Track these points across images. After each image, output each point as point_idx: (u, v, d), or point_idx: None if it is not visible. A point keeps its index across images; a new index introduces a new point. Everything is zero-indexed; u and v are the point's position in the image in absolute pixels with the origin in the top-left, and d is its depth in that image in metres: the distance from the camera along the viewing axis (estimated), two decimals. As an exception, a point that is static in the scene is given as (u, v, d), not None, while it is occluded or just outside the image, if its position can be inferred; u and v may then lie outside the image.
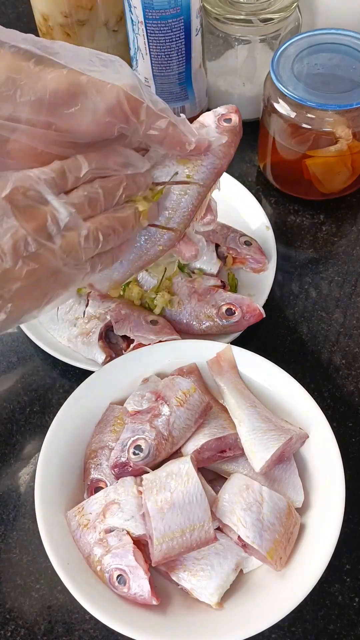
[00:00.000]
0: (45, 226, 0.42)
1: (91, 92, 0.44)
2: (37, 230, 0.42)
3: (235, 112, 0.52)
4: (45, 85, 0.43)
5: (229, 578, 0.45)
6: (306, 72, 0.65)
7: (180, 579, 0.46)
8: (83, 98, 0.44)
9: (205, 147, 0.50)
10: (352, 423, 0.57)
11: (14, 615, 0.50)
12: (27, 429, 0.59)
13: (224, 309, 0.59)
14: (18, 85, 0.43)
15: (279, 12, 0.71)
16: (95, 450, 0.51)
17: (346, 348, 0.62)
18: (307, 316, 0.64)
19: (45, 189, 0.43)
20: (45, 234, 0.42)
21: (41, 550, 0.49)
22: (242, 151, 0.78)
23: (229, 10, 0.72)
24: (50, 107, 0.44)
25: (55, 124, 0.44)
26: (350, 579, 0.50)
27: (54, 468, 0.49)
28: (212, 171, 0.51)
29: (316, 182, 0.69)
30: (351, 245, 0.70)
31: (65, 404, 0.52)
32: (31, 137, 0.45)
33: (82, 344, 0.58)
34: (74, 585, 0.44)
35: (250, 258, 0.64)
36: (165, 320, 0.60)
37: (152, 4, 0.65)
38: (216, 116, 0.51)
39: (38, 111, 0.44)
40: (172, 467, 0.46)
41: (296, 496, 0.49)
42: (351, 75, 0.65)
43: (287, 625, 0.48)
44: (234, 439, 0.50)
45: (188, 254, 0.53)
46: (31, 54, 0.44)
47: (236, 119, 0.51)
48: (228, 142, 0.51)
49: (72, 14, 0.76)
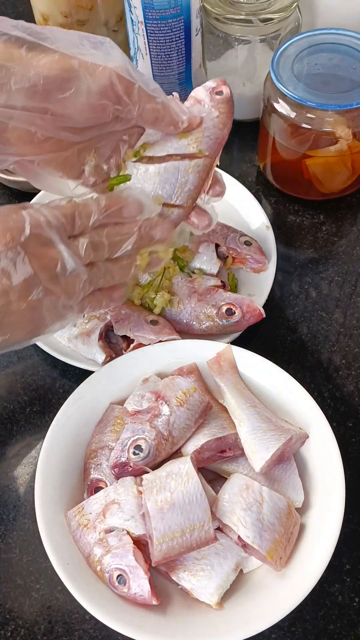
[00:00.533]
0: (55, 273, 0.44)
1: (83, 76, 0.45)
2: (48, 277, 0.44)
3: (224, 84, 0.53)
4: (38, 71, 0.44)
5: (229, 578, 0.45)
6: (306, 72, 0.65)
7: (180, 579, 0.46)
8: (76, 82, 0.44)
9: (197, 124, 0.51)
10: (352, 423, 0.57)
11: (14, 615, 0.50)
12: (27, 429, 0.59)
13: (224, 309, 0.59)
14: (11, 73, 0.43)
15: (279, 12, 0.71)
16: (95, 450, 0.51)
17: (346, 348, 0.62)
18: (307, 316, 0.64)
19: (56, 236, 0.44)
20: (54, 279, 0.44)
21: (41, 550, 0.49)
22: (242, 151, 0.78)
23: (229, 10, 0.72)
24: (44, 93, 0.44)
25: (51, 109, 0.45)
26: (350, 579, 0.50)
27: (54, 468, 0.49)
28: (215, 141, 0.52)
29: (316, 182, 0.69)
30: (351, 245, 0.70)
31: (65, 404, 0.52)
32: (29, 123, 0.45)
33: (82, 344, 0.58)
34: (74, 585, 0.44)
35: (250, 258, 0.64)
36: (165, 320, 0.60)
37: (152, 4, 0.65)
38: (207, 90, 0.53)
39: (33, 97, 0.44)
40: (172, 467, 0.46)
41: (296, 496, 0.49)
42: (351, 75, 0.65)
43: (287, 625, 0.48)
44: (234, 439, 0.50)
45: (202, 224, 0.53)
46: (23, 40, 0.44)
47: (227, 90, 0.53)
48: (225, 113, 0.52)
49: (72, 14, 0.76)
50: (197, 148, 0.51)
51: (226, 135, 0.52)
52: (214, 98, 0.52)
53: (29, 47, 0.44)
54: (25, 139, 0.47)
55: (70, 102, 0.45)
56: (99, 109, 0.46)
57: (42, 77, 0.44)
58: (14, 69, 0.43)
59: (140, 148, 0.52)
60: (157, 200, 0.51)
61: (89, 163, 0.52)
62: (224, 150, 0.53)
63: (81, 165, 0.51)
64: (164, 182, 0.51)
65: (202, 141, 0.51)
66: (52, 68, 0.44)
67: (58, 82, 0.44)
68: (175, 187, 0.51)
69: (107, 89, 0.45)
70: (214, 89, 0.52)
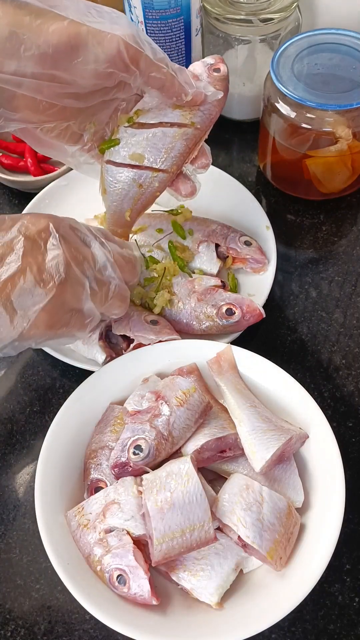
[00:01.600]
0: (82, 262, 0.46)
1: (92, 43, 0.45)
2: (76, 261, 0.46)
3: (222, 61, 0.54)
4: (47, 38, 0.44)
5: (229, 578, 0.45)
6: (306, 72, 0.65)
7: (180, 579, 0.46)
8: (84, 49, 0.45)
9: (201, 100, 0.52)
10: (352, 423, 0.57)
11: (14, 615, 0.50)
12: (27, 429, 0.59)
13: (224, 309, 0.59)
14: (21, 40, 0.44)
15: (279, 12, 0.71)
16: (95, 450, 0.51)
17: (346, 348, 0.62)
18: (307, 316, 0.64)
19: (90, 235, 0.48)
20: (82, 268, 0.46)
21: (41, 550, 0.49)
22: (242, 151, 0.78)
23: (229, 10, 0.72)
24: (53, 60, 0.45)
25: (58, 76, 0.45)
26: (350, 579, 0.50)
27: (54, 468, 0.49)
28: (208, 117, 0.53)
29: (316, 182, 0.69)
30: (351, 245, 0.70)
31: (65, 404, 0.52)
32: (36, 91, 0.46)
33: (82, 344, 0.58)
34: (74, 585, 0.44)
35: (250, 258, 0.64)
36: (165, 320, 0.60)
37: (152, 4, 0.65)
38: (205, 66, 0.54)
39: (42, 64, 0.45)
40: (172, 467, 0.46)
41: (296, 496, 0.49)
42: (351, 75, 0.65)
43: (287, 625, 0.48)
44: (234, 439, 0.50)
45: (185, 191, 0.55)
46: (32, 6, 0.44)
47: (225, 69, 0.54)
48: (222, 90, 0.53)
49: (72, 13, 0.76)
50: (190, 120, 0.52)
51: (219, 113, 0.54)
52: (212, 75, 0.53)
53: (38, 14, 0.44)
54: (31, 106, 0.47)
55: (78, 69, 0.45)
56: (105, 76, 0.47)
57: (51, 45, 0.44)
58: (24, 36, 0.44)
59: (134, 114, 0.53)
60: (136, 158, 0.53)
61: (88, 130, 0.53)
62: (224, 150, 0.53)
63: (81, 131, 0.53)
64: (151, 146, 0.52)
65: (195, 114, 0.52)
66: (61, 35, 0.44)
67: (67, 50, 0.45)
68: (161, 152, 0.52)
69: (115, 57, 0.45)
70: (212, 65, 0.53)
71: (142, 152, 0.53)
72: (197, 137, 0.53)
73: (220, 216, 0.67)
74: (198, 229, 0.65)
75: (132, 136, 0.53)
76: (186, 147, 0.53)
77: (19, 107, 0.47)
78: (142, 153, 0.53)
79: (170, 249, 0.63)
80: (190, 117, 0.52)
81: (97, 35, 0.45)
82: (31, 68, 0.44)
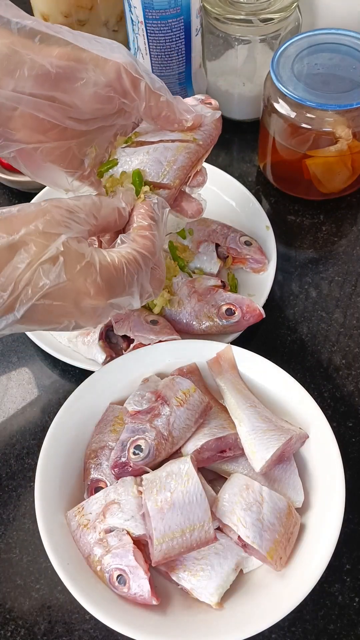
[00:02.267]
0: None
1: (93, 67, 0.46)
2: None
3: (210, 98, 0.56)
4: (50, 60, 0.45)
5: (229, 578, 0.45)
6: (306, 72, 0.65)
7: (180, 579, 0.46)
8: (85, 73, 0.46)
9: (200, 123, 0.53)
10: (352, 423, 0.57)
11: (14, 615, 0.50)
12: (27, 429, 0.59)
13: (224, 309, 0.59)
14: (24, 60, 0.44)
15: (279, 12, 0.71)
16: (95, 450, 0.51)
17: (346, 348, 0.62)
18: (307, 316, 0.64)
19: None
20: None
21: (41, 550, 0.49)
22: (242, 151, 0.78)
23: (229, 10, 0.72)
24: (53, 82, 0.45)
25: (58, 98, 0.46)
26: (350, 579, 0.50)
27: (54, 468, 0.49)
28: (209, 136, 0.53)
29: (316, 182, 0.69)
30: (351, 245, 0.70)
31: (65, 404, 0.52)
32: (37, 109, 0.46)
33: (82, 344, 0.58)
34: (74, 585, 0.44)
35: (250, 258, 0.64)
36: (165, 320, 0.60)
37: (152, 4, 0.65)
38: (197, 100, 0.55)
39: (42, 85, 0.45)
40: (172, 467, 0.46)
41: (296, 496, 0.49)
42: (351, 75, 0.65)
43: (287, 625, 0.48)
44: (234, 439, 0.50)
45: (191, 211, 0.54)
46: (36, 31, 0.45)
47: (216, 103, 0.55)
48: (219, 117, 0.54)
49: (72, 14, 0.76)
50: (192, 136, 0.52)
51: (217, 137, 0.54)
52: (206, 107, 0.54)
53: (42, 38, 0.45)
54: (31, 126, 0.48)
55: (78, 92, 0.46)
56: (105, 100, 0.47)
57: (54, 66, 0.45)
58: (26, 56, 0.44)
59: (132, 135, 0.53)
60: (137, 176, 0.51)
61: (89, 154, 0.52)
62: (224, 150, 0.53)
63: (81, 156, 0.52)
64: (152, 160, 0.52)
65: (196, 132, 0.52)
66: (64, 57, 0.45)
67: (68, 73, 0.45)
68: (163, 165, 0.51)
69: (115, 82, 0.46)
70: (203, 100, 0.55)
71: (143, 168, 0.51)
72: (199, 153, 0.52)
73: (220, 216, 0.67)
74: (198, 228, 0.65)
75: (131, 154, 0.52)
76: (189, 161, 0.52)
77: (18, 126, 0.47)
78: (143, 169, 0.51)
79: (171, 249, 0.63)
80: (191, 135, 0.52)
81: (98, 60, 0.46)
82: (30, 88, 0.45)
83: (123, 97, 0.47)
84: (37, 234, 0.41)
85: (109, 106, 0.48)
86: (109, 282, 0.42)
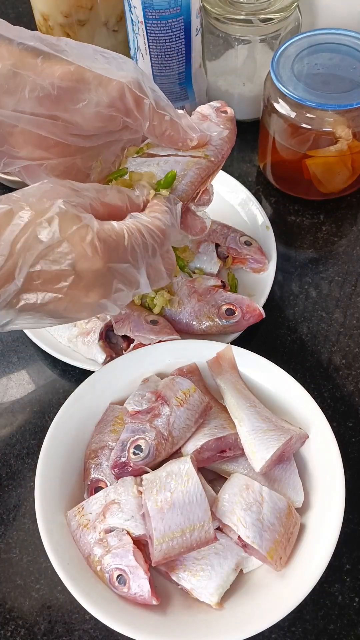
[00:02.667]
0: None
1: (95, 87, 0.45)
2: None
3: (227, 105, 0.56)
4: (52, 81, 0.45)
5: (229, 578, 0.45)
6: (306, 72, 0.65)
7: (180, 579, 0.46)
8: (87, 93, 0.45)
9: (206, 143, 0.52)
10: (352, 423, 0.57)
11: (14, 615, 0.50)
12: (27, 429, 0.59)
13: (224, 309, 0.59)
14: (25, 80, 0.44)
15: (279, 12, 0.71)
16: (95, 450, 0.51)
17: (346, 348, 0.62)
18: (307, 316, 0.64)
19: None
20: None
21: (41, 550, 0.49)
22: (242, 151, 0.78)
23: (229, 10, 0.72)
24: (55, 102, 0.45)
25: (61, 118, 0.46)
26: (350, 579, 0.50)
27: (54, 468, 0.49)
28: (220, 152, 0.53)
29: (316, 182, 0.69)
30: (351, 245, 0.70)
31: (65, 404, 0.52)
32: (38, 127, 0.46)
33: (82, 344, 0.58)
34: (74, 585, 0.44)
35: (250, 258, 0.64)
36: (165, 320, 0.59)
37: (152, 4, 0.65)
38: (213, 108, 0.55)
39: (43, 105, 0.45)
40: (172, 467, 0.46)
41: (296, 496, 0.49)
42: (351, 75, 0.65)
43: (287, 625, 0.48)
44: (234, 439, 0.50)
45: (194, 229, 0.53)
46: (38, 50, 0.45)
47: (231, 110, 0.55)
48: (231, 130, 0.54)
49: (72, 13, 0.76)
50: (203, 153, 0.52)
51: (229, 150, 0.54)
52: (220, 115, 0.55)
53: (45, 57, 0.45)
54: (34, 142, 0.47)
55: (80, 112, 0.46)
56: (108, 119, 0.47)
57: (55, 87, 0.45)
58: (28, 78, 0.44)
59: (144, 146, 0.53)
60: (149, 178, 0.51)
61: (94, 168, 0.52)
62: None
63: (86, 170, 0.52)
64: (162, 173, 0.51)
65: (208, 148, 0.52)
66: (65, 78, 0.45)
67: (70, 93, 0.45)
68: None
69: (117, 102, 0.46)
70: (218, 108, 0.55)
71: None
72: (210, 170, 0.52)
73: (220, 216, 0.67)
74: (198, 229, 0.65)
75: (141, 164, 0.52)
76: (199, 177, 0.51)
77: (20, 143, 0.47)
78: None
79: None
80: (202, 151, 0.52)
81: (101, 80, 0.46)
82: (30, 108, 0.45)
83: (126, 116, 0.47)
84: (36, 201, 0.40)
85: (112, 124, 0.48)
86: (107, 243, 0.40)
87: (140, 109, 0.47)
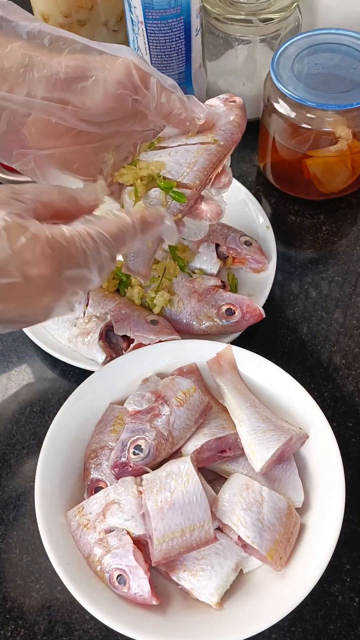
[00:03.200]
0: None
1: (102, 66, 0.46)
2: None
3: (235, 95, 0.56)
4: (60, 61, 0.45)
5: (229, 578, 0.45)
6: (306, 72, 0.65)
7: (180, 579, 0.46)
8: (94, 71, 0.46)
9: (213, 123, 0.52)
10: (352, 423, 0.57)
11: (14, 615, 0.50)
12: (27, 429, 0.59)
13: (224, 309, 0.59)
14: (34, 63, 0.45)
15: (279, 12, 0.71)
16: (95, 450, 0.51)
17: (346, 348, 0.62)
18: (307, 316, 0.64)
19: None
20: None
21: (41, 550, 0.49)
22: (242, 151, 0.78)
23: (229, 10, 0.72)
24: (64, 84, 0.46)
25: (71, 101, 0.46)
26: (350, 579, 0.50)
27: (54, 468, 0.49)
28: (230, 136, 0.53)
29: (316, 182, 0.69)
30: (351, 245, 0.70)
31: (65, 404, 0.52)
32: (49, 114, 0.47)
33: (82, 344, 0.58)
34: (74, 585, 0.44)
35: (250, 258, 0.64)
36: (165, 320, 0.60)
37: (152, 4, 0.65)
38: (221, 100, 0.55)
39: (53, 88, 0.46)
40: (172, 467, 0.46)
41: (296, 496, 0.49)
42: (351, 75, 0.65)
43: (287, 625, 0.48)
44: (234, 439, 0.50)
45: (210, 213, 0.53)
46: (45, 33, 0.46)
47: (240, 99, 0.55)
48: (240, 115, 0.54)
49: (72, 14, 0.76)
50: (212, 138, 0.52)
51: (240, 135, 0.54)
52: (229, 104, 0.54)
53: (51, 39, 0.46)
54: (45, 132, 0.48)
55: (89, 92, 0.46)
56: (117, 99, 0.47)
57: (64, 67, 0.45)
58: (36, 59, 0.45)
59: (155, 140, 0.53)
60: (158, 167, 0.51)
61: (107, 161, 0.52)
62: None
63: (98, 162, 0.52)
64: (173, 162, 0.52)
65: (217, 133, 0.52)
66: (73, 59, 0.46)
67: (77, 73, 0.46)
68: (183, 167, 0.51)
69: (125, 78, 0.47)
70: (227, 98, 0.55)
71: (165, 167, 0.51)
72: (220, 154, 0.52)
73: (220, 216, 0.67)
74: (198, 229, 0.65)
75: (153, 156, 0.52)
76: (210, 162, 0.51)
77: (32, 132, 0.47)
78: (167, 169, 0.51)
79: (171, 249, 0.63)
80: (212, 136, 0.52)
81: (108, 59, 0.47)
82: (42, 92, 0.46)
83: (134, 93, 0.47)
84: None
85: (121, 105, 0.48)
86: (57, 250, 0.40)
87: (147, 85, 0.47)
